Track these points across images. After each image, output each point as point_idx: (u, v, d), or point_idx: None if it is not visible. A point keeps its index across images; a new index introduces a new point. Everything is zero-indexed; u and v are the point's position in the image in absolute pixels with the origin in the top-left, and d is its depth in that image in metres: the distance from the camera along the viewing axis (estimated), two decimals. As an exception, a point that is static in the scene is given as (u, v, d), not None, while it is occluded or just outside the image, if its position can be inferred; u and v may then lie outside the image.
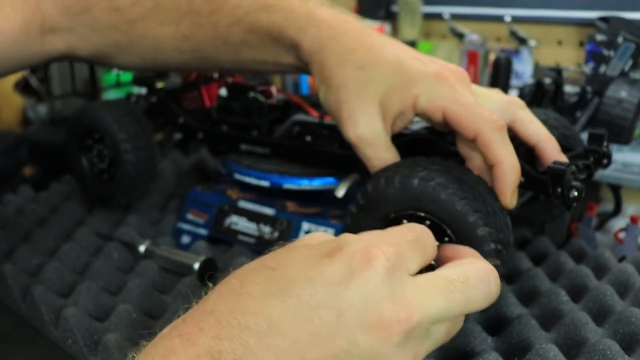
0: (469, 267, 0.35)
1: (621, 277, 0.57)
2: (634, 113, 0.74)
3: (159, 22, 0.55)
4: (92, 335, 0.50)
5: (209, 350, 0.29)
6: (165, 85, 0.75)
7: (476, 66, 0.98)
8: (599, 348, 0.45)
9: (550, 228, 0.68)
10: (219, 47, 0.55)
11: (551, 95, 0.78)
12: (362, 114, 0.47)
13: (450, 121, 0.44)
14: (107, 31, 0.57)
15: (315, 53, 0.49)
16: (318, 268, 0.31)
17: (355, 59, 0.47)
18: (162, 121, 0.74)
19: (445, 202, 0.41)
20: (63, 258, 0.62)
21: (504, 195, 0.42)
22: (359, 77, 0.47)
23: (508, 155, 0.42)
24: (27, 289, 0.55)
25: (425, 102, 0.45)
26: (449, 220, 0.41)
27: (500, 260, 0.41)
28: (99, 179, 0.71)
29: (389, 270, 0.31)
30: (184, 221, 0.69)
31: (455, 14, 1.11)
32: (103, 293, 0.55)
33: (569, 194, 0.45)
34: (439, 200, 0.41)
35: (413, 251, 0.34)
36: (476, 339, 0.49)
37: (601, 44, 0.89)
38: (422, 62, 0.47)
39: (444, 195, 0.41)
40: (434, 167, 0.42)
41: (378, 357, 0.30)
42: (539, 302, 0.54)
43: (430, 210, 0.42)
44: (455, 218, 0.41)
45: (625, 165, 0.73)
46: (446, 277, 0.34)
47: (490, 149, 0.42)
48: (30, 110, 1.08)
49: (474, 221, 0.40)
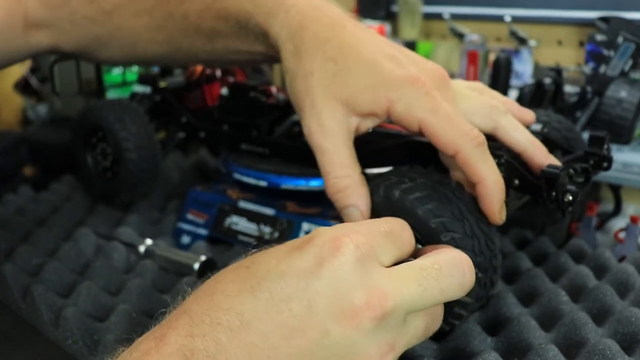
0: (442, 255, 0.35)
1: (621, 277, 0.57)
2: (634, 113, 0.74)
3: (133, 13, 0.55)
4: (92, 335, 0.50)
5: (181, 349, 0.28)
6: (169, 84, 0.76)
7: (476, 66, 0.98)
8: (599, 348, 0.45)
9: (550, 228, 0.68)
10: (191, 37, 0.54)
11: (551, 96, 0.78)
12: (327, 106, 0.44)
13: (428, 135, 0.42)
14: (86, 24, 0.57)
15: (284, 41, 0.47)
16: (288, 261, 0.31)
17: (326, 50, 0.45)
18: (165, 120, 0.74)
19: (420, 217, 0.40)
20: (63, 258, 0.62)
21: (492, 214, 0.42)
22: (329, 69, 0.44)
23: (490, 172, 0.41)
24: (27, 289, 0.55)
25: (402, 110, 0.43)
26: (424, 235, 0.41)
27: (477, 283, 0.39)
28: (103, 177, 0.72)
29: (358, 259, 0.31)
30: (184, 221, 0.69)
31: (455, 14, 1.11)
32: (103, 293, 0.55)
33: (564, 198, 0.44)
34: (416, 215, 0.40)
35: (386, 242, 0.34)
36: (476, 339, 0.49)
37: (601, 44, 0.89)
38: (399, 64, 0.44)
39: (420, 211, 0.40)
40: (420, 180, 0.42)
41: (351, 347, 0.30)
42: (539, 302, 0.54)
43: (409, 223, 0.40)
44: (429, 235, 0.40)
45: (625, 165, 0.73)
46: (419, 266, 0.33)
47: (471, 167, 0.41)
48: (30, 110, 1.08)
49: (447, 241, 0.40)
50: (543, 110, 0.63)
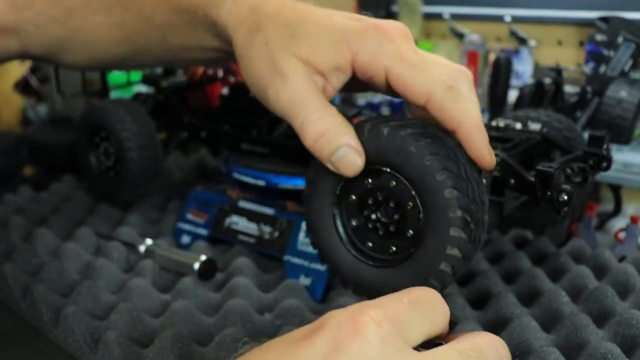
0: (480, 338, 0.30)
1: (621, 277, 0.56)
2: (634, 113, 0.74)
3: (92, 11, 0.54)
4: (92, 334, 0.50)
5: None
6: (171, 84, 0.76)
7: (476, 66, 0.98)
8: (600, 351, 0.45)
9: (550, 228, 0.68)
10: (146, 34, 0.53)
11: (551, 96, 0.79)
12: (288, 63, 0.40)
13: (395, 84, 0.38)
14: (50, 26, 0.56)
15: (234, 27, 0.44)
16: (295, 354, 0.26)
17: (279, 20, 0.42)
18: (167, 120, 0.74)
19: (414, 155, 0.36)
20: (63, 258, 0.62)
21: (481, 157, 0.38)
22: (284, 33, 0.41)
23: (467, 113, 0.37)
24: (27, 289, 0.55)
25: (367, 59, 0.39)
26: (415, 177, 0.37)
27: (467, 235, 0.37)
28: (105, 177, 0.72)
29: (383, 340, 0.26)
30: (184, 221, 0.69)
31: (455, 14, 1.11)
32: (103, 292, 0.55)
33: (559, 197, 0.44)
34: (408, 152, 0.36)
35: (415, 315, 0.29)
36: (476, 339, 0.49)
37: (601, 44, 0.89)
38: (358, 20, 0.41)
39: (413, 147, 0.36)
40: (410, 121, 0.39)
41: None
42: (539, 302, 0.54)
43: (396, 165, 0.38)
44: (422, 175, 0.36)
45: (625, 165, 0.73)
46: (457, 349, 0.29)
47: (445, 112, 0.37)
48: (30, 111, 1.08)
49: (442, 180, 0.36)
50: (543, 110, 0.64)
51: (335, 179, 0.40)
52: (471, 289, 0.58)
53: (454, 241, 0.36)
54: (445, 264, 0.37)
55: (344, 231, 0.41)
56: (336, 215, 0.41)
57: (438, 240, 0.37)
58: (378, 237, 0.41)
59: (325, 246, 0.42)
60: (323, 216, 0.42)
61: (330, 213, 0.41)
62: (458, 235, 0.36)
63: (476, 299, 0.56)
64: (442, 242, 0.37)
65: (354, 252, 0.41)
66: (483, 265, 0.61)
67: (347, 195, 0.41)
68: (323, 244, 0.42)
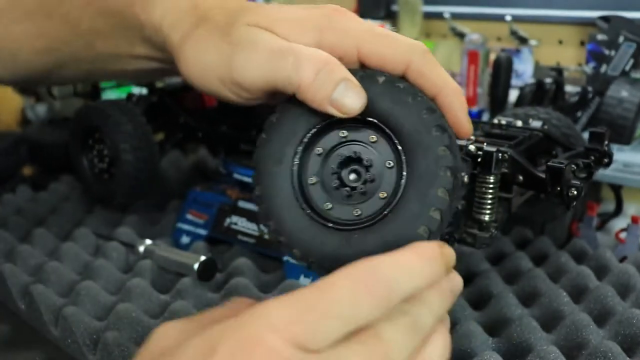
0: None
1: (622, 277, 0.56)
2: (635, 113, 0.74)
3: (14, 19, 0.50)
4: (91, 334, 0.50)
5: None
6: (166, 85, 0.75)
7: (477, 66, 0.97)
8: (601, 350, 0.44)
9: (551, 228, 0.67)
10: (71, 41, 0.49)
11: (552, 95, 0.78)
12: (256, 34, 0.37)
13: (371, 58, 0.36)
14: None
15: (172, 28, 0.41)
16: None
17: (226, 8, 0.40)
18: (162, 121, 0.73)
19: (410, 106, 0.34)
20: (62, 258, 0.62)
21: (462, 123, 0.37)
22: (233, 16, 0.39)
23: (447, 78, 0.37)
24: (26, 289, 0.55)
25: (335, 39, 0.36)
26: (406, 130, 0.34)
27: (450, 200, 0.34)
28: (100, 179, 0.71)
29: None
30: (184, 221, 0.68)
31: (455, 14, 1.11)
32: (102, 293, 0.55)
33: (568, 192, 0.45)
34: (404, 102, 0.34)
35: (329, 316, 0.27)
36: (477, 340, 0.49)
37: (602, 43, 0.88)
38: (314, 6, 0.39)
39: (410, 99, 0.34)
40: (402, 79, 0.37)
41: None
42: (540, 302, 0.54)
43: (387, 115, 0.35)
44: (415, 129, 0.34)
45: (627, 165, 0.73)
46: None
47: (427, 76, 0.36)
48: (30, 111, 1.08)
49: (437, 137, 0.34)
50: (542, 108, 0.64)
51: (305, 124, 0.36)
52: (471, 289, 0.58)
53: (439, 203, 0.33)
54: (424, 229, 0.33)
55: (300, 187, 0.36)
56: (294, 167, 0.36)
57: (420, 202, 0.33)
58: (342, 197, 0.35)
59: (275, 203, 0.36)
60: (279, 167, 0.36)
61: (289, 165, 0.36)
62: (444, 197, 0.33)
63: (476, 299, 0.56)
64: (424, 204, 0.33)
65: (309, 212, 0.35)
66: (483, 266, 0.61)
67: (313, 145, 0.36)
68: (272, 199, 0.36)
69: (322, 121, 0.36)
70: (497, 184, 0.47)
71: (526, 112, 0.63)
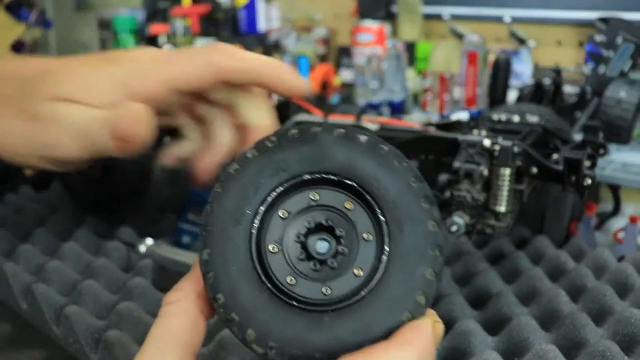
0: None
1: (620, 277, 0.57)
2: (633, 113, 0.74)
3: None
4: (93, 333, 0.50)
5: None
6: None
7: (476, 66, 0.98)
8: (599, 349, 0.45)
9: (550, 227, 0.68)
10: None
11: (551, 96, 0.79)
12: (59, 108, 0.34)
13: (180, 82, 0.35)
14: None
15: None
16: None
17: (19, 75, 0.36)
18: None
19: (397, 171, 0.30)
20: (64, 257, 0.62)
21: (295, 83, 0.36)
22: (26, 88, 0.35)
23: (259, 56, 0.36)
24: (28, 288, 0.55)
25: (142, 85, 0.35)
26: (392, 199, 0.30)
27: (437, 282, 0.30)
28: (89, 186, 0.69)
29: None
30: (185, 221, 0.69)
31: (455, 15, 1.12)
32: (104, 292, 0.56)
33: (583, 181, 0.47)
34: (390, 167, 0.30)
35: None
36: (476, 339, 0.49)
37: (600, 44, 0.89)
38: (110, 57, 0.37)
39: (396, 162, 0.30)
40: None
41: None
42: (539, 302, 0.54)
43: (367, 180, 0.30)
44: (401, 199, 0.30)
45: (625, 166, 0.73)
46: None
47: (239, 66, 0.35)
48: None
49: (427, 210, 0.30)
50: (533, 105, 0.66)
51: (270, 180, 0.31)
52: (471, 288, 0.58)
53: (426, 285, 0.29)
54: (407, 315, 0.29)
55: (259, 255, 0.30)
56: (254, 230, 0.30)
57: (405, 284, 0.29)
58: (308, 270, 0.30)
59: (227, 271, 0.30)
60: (236, 228, 0.30)
61: (248, 226, 0.30)
62: (432, 279, 0.29)
63: (476, 299, 0.56)
64: (409, 287, 0.29)
65: (269, 286, 0.29)
66: (483, 265, 0.61)
67: (277, 207, 0.30)
68: (224, 267, 0.30)
69: (291, 178, 0.30)
70: (512, 176, 0.50)
71: (519, 108, 0.66)
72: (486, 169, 0.50)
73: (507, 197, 0.50)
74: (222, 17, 1.19)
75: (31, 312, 0.55)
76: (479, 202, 0.50)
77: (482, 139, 0.51)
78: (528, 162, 0.51)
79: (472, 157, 0.51)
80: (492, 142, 0.51)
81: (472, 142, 0.52)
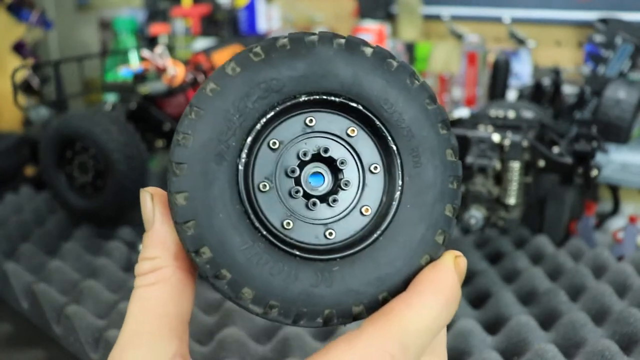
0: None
1: (619, 276, 0.57)
2: (632, 113, 0.74)
3: None
4: (93, 332, 0.50)
5: None
6: (151, 91, 0.72)
7: (475, 67, 0.98)
8: (598, 349, 0.45)
9: (549, 227, 0.68)
10: None
11: (550, 96, 0.79)
12: None
13: None
14: None
15: None
16: None
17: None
18: (142, 128, 0.70)
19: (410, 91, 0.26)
20: (64, 257, 0.62)
21: None
22: None
23: None
24: (29, 288, 0.55)
25: None
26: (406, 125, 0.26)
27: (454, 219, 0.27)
28: (81, 194, 0.67)
29: None
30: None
31: (454, 15, 1.12)
32: (104, 291, 0.56)
33: (591, 173, 0.50)
34: (403, 86, 0.26)
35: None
36: (476, 339, 0.49)
37: (600, 44, 0.89)
38: None
39: (408, 81, 0.26)
40: None
41: None
42: (538, 301, 0.54)
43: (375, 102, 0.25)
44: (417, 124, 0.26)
45: (624, 166, 0.73)
46: None
47: None
48: (32, 111, 1.09)
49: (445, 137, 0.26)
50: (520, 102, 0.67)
51: (260, 103, 0.24)
52: (470, 288, 0.58)
53: (446, 224, 0.26)
54: (426, 258, 0.25)
55: (249, 197, 0.24)
56: (241, 166, 0.24)
57: (421, 223, 0.25)
58: (306, 210, 0.25)
59: (213, 219, 0.24)
60: (219, 166, 0.24)
61: (234, 163, 0.24)
62: (451, 216, 0.26)
63: (475, 298, 0.57)
64: (427, 226, 0.25)
65: (265, 233, 0.24)
66: (482, 265, 0.62)
67: (266, 135, 0.25)
68: (208, 214, 0.24)
69: (285, 100, 0.25)
70: (522, 169, 0.53)
71: (512, 104, 0.68)
72: (498, 163, 0.53)
73: (517, 190, 0.53)
74: (223, 17, 1.20)
75: (32, 311, 0.55)
76: (493, 195, 0.54)
77: (491, 134, 0.53)
78: (535, 156, 0.54)
79: (484, 152, 0.53)
80: (501, 137, 0.54)
81: (482, 138, 0.54)
